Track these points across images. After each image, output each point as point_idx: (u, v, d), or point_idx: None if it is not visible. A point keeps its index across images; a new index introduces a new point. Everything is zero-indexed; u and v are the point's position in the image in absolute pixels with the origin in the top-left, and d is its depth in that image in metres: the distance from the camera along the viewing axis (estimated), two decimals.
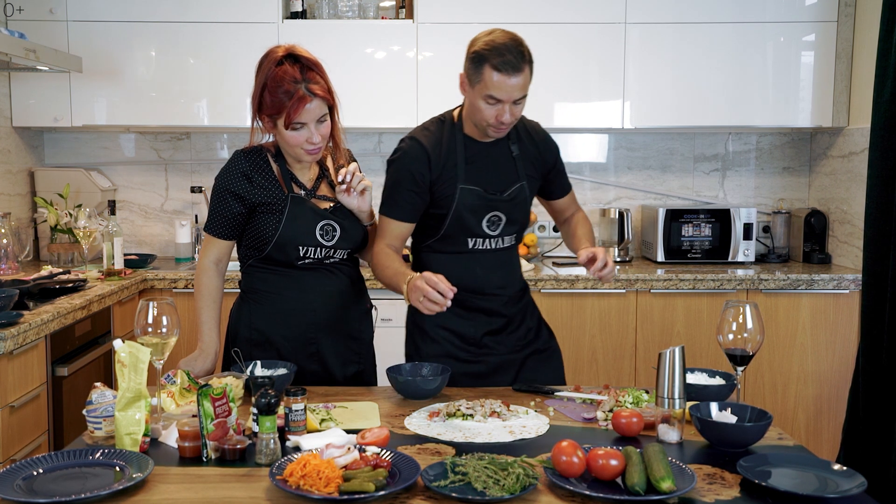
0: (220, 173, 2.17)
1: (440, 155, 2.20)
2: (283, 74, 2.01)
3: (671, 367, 1.70)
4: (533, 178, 2.31)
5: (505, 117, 2.10)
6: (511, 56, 2.04)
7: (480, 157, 2.23)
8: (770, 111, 3.82)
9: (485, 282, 2.28)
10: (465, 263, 2.27)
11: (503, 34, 2.10)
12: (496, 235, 2.27)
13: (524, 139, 2.29)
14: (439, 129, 2.25)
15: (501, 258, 2.31)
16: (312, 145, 2.07)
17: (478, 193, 2.21)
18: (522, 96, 2.11)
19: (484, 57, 2.06)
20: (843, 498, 1.41)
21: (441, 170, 2.20)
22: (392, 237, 2.22)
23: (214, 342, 2.18)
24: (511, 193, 2.25)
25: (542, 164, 2.33)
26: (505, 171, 2.25)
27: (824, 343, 3.61)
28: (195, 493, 1.45)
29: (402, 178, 2.20)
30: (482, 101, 2.10)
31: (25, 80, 3.74)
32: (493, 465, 1.47)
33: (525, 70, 2.08)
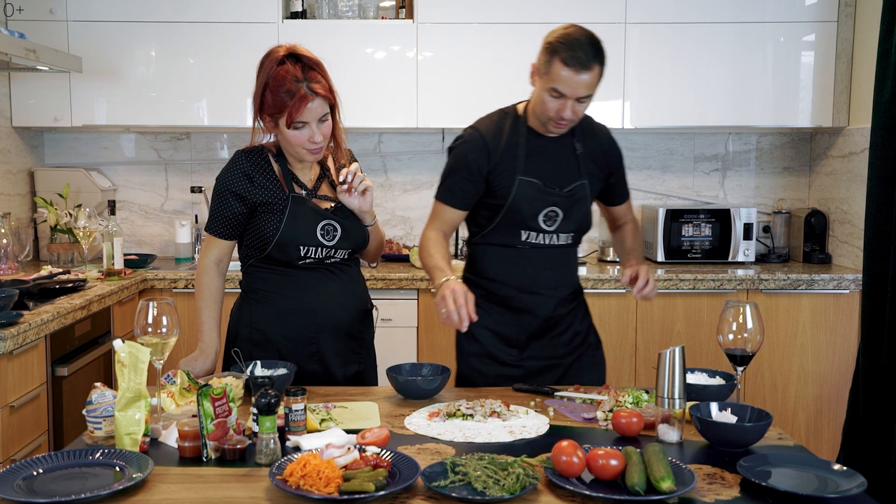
0: (221, 173, 2.17)
1: (500, 145, 2.21)
2: (284, 74, 2.01)
3: (671, 367, 1.70)
4: (595, 178, 2.29)
5: (566, 113, 2.09)
6: (582, 52, 2.03)
7: (542, 151, 2.22)
8: (770, 111, 3.82)
9: (533, 280, 2.25)
10: (516, 260, 2.25)
11: (580, 30, 2.10)
12: (552, 231, 2.24)
13: (589, 138, 2.28)
14: (502, 119, 2.25)
15: (555, 257, 2.27)
16: (314, 145, 2.07)
17: (537, 186, 2.20)
18: (587, 95, 2.09)
19: (555, 49, 2.06)
20: (843, 498, 1.41)
21: (500, 160, 2.20)
22: (443, 222, 2.26)
23: (215, 342, 2.18)
24: (571, 189, 2.23)
25: (606, 167, 2.31)
26: (566, 166, 2.24)
27: (824, 343, 3.61)
28: (195, 493, 1.45)
29: (459, 165, 2.23)
30: (547, 94, 2.09)
31: (25, 80, 3.74)
32: (493, 465, 1.46)
33: (594, 69, 2.06)
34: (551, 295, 2.27)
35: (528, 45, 3.78)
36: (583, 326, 2.35)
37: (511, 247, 2.25)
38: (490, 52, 3.75)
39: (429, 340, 3.61)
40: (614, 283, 3.55)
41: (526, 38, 3.74)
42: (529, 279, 2.25)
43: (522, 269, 2.25)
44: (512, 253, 2.26)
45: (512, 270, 2.25)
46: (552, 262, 2.27)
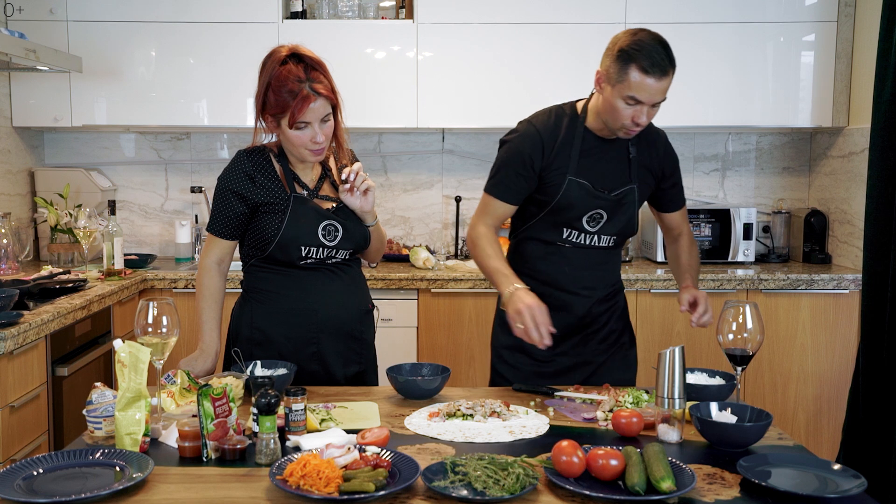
0: (222, 173, 2.17)
1: (555, 142, 2.20)
2: (287, 74, 2.01)
3: (671, 367, 1.70)
4: (645, 184, 2.28)
5: (641, 119, 2.08)
6: (659, 58, 2.01)
7: (596, 153, 2.21)
8: (770, 111, 3.82)
9: (571, 280, 2.26)
10: (555, 258, 2.27)
11: (649, 34, 2.05)
12: (594, 232, 2.25)
13: (644, 143, 2.26)
14: (559, 117, 2.23)
15: (595, 257, 2.28)
16: (316, 145, 2.07)
17: (586, 188, 2.19)
18: (662, 99, 2.08)
19: (631, 56, 2.02)
20: (843, 498, 1.41)
21: (553, 158, 2.19)
22: (493, 217, 2.25)
23: (215, 342, 2.18)
24: (619, 194, 2.23)
25: (659, 172, 2.30)
26: (618, 170, 2.23)
27: (824, 343, 3.61)
28: (195, 493, 1.45)
29: (513, 159, 2.21)
30: (621, 101, 2.06)
31: (25, 80, 3.74)
32: (493, 465, 1.47)
33: (670, 73, 2.04)
34: (588, 295, 2.28)
35: (528, 45, 3.81)
36: (618, 325, 2.36)
37: (552, 244, 2.26)
38: (490, 52, 3.76)
39: (429, 340, 3.62)
40: None
41: (526, 38, 3.75)
42: (567, 278, 2.26)
43: (561, 268, 2.26)
44: (552, 250, 2.27)
45: (550, 269, 2.26)
46: (591, 263, 2.29)
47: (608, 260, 2.32)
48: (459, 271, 3.64)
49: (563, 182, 2.19)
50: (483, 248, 2.20)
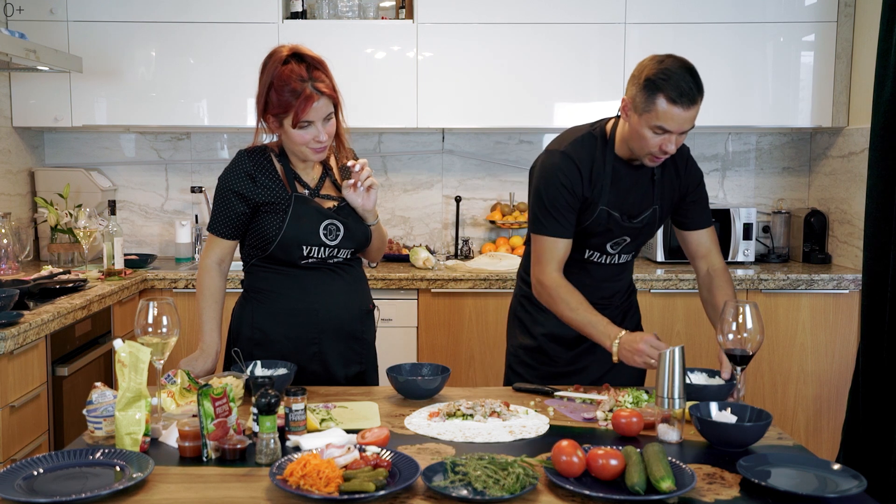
0: (223, 173, 2.17)
1: (591, 173, 2.15)
2: (289, 73, 2.01)
3: (671, 367, 1.70)
4: (666, 202, 2.25)
5: (670, 147, 2.04)
6: (687, 87, 1.98)
7: (625, 179, 2.18)
8: (770, 111, 3.82)
9: (591, 291, 2.23)
10: (575, 270, 2.25)
11: (676, 61, 2.02)
12: (615, 254, 2.26)
13: (668, 163, 2.22)
14: (591, 144, 2.18)
15: (612, 272, 2.30)
16: (319, 144, 2.08)
17: (614, 218, 2.18)
18: (691, 127, 2.05)
19: (658, 87, 1.98)
20: (843, 498, 1.41)
21: (590, 186, 2.16)
22: (558, 260, 2.15)
23: (215, 342, 2.18)
24: (643, 219, 2.21)
25: (680, 189, 2.26)
26: (643, 194, 2.21)
27: (824, 343, 3.61)
28: (195, 493, 1.45)
29: (560, 194, 2.13)
30: (648, 130, 2.03)
31: (26, 80, 3.75)
32: (493, 465, 1.47)
33: (699, 101, 2.01)
34: (605, 304, 2.28)
35: (528, 45, 3.81)
36: (629, 325, 2.37)
37: (574, 259, 2.24)
38: (490, 52, 3.76)
39: (429, 340, 3.62)
40: None
41: (526, 38, 3.75)
42: (587, 290, 2.22)
43: (580, 279, 2.24)
44: (573, 264, 2.25)
45: (571, 281, 2.21)
46: (610, 276, 2.30)
47: (626, 271, 2.35)
48: (459, 271, 3.64)
49: (594, 212, 2.17)
50: (566, 300, 2.12)
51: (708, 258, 2.30)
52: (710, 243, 2.30)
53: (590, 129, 2.22)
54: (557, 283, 2.15)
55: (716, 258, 2.30)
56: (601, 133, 2.20)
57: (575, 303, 2.12)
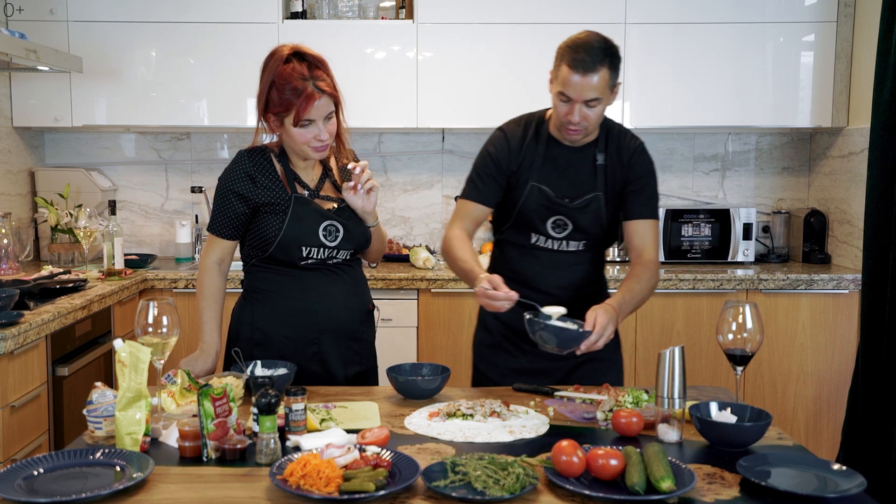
0: (223, 173, 2.17)
1: (521, 148, 2.22)
2: (291, 72, 2.02)
3: (671, 367, 1.70)
4: (612, 191, 2.24)
5: (574, 116, 2.06)
6: (587, 55, 2.01)
7: (560, 160, 2.22)
8: (770, 111, 3.82)
9: (542, 279, 2.27)
10: (528, 258, 2.29)
11: (591, 34, 2.06)
12: (560, 238, 2.25)
13: (612, 149, 2.22)
14: (527, 123, 2.26)
15: (567, 259, 2.28)
16: (320, 142, 2.08)
17: (546, 195, 2.20)
18: (595, 98, 2.05)
19: (563, 53, 2.06)
20: (843, 498, 1.41)
21: (520, 163, 2.21)
22: (468, 220, 2.25)
23: (215, 342, 2.18)
24: (582, 202, 2.21)
25: (625, 178, 2.24)
26: (582, 178, 2.22)
27: (824, 343, 3.61)
28: (195, 493, 1.45)
29: (485, 163, 2.24)
30: (556, 98, 2.10)
31: (26, 81, 3.75)
32: (493, 465, 1.47)
33: (600, 72, 2.01)
34: (560, 295, 2.25)
35: (528, 45, 3.81)
36: None
37: (524, 247, 2.29)
38: (490, 52, 3.76)
39: (429, 340, 3.62)
40: (614, 284, 3.55)
41: (526, 38, 3.75)
42: (540, 278, 2.27)
43: (532, 267, 2.28)
44: (525, 252, 2.29)
45: (524, 269, 2.28)
46: (563, 264, 2.29)
47: (581, 262, 2.30)
48: None
49: (525, 187, 2.20)
50: (452, 252, 2.19)
51: (638, 250, 2.25)
52: (644, 235, 2.25)
53: (533, 112, 2.29)
54: (454, 236, 2.21)
55: (646, 251, 2.24)
56: (540, 114, 2.27)
57: (459, 253, 2.16)
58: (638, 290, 2.16)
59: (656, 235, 2.28)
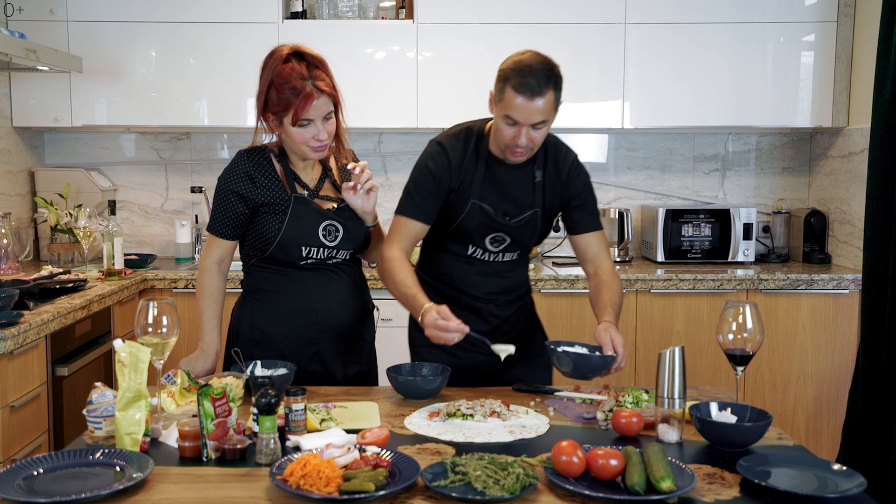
0: (223, 173, 2.17)
1: (461, 165, 2.18)
2: (290, 72, 2.02)
3: (671, 367, 1.70)
4: (550, 207, 2.26)
5: (521, 140, 2.05)
6: (533, 79, 1.99)
7: (500, 177, 2.20)
8: (770, 111, 3.82)
9: (477, 286, 2.28)
10: (463, 266, 2.28)
11: (533, 56, 2.05)
12: (497, 252, 2.27)
13: (551, 166, 2.23)
14: (468, 138, 2.21)
15: (501, 267, 2.30)
16: (318, 142, 2.08)
17: (487, 213, 2.19)
18: (542, 121, 2.04)
19: (507, 76, 2.03)
20: (843, 498, 1.41)
21: (460, 181, 2.18)
22: (406, 238, 2.19)
23: (215, 342, 2.18)
24: (522, 220, 2.22)
25: (564, 194, 2.25)
26: (522, 195, 2.21)
27: (824, 343, 3.61)
28: (195, 493, 1.45)
29: (426, 180, 2.18)
30: (502, 121, 2.06)
31: (25, 80, 3.74)
32: (493, 465, 1.47)
33: (547, 94, 2.01)
34: (493, 300, 2.30)
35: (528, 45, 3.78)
36: (527, 325, 2.38)
37: (460, 255, 2.28)
38: (490, 52, 3.73)
39: None
40: None
41: (526, 38, 3.75)
42: (473, 284, 2.28)
43: (467, 274, 2.28)
44: (461, 260, 2.28)
45: (458, 275, 2.28)
46: (498, 272, 2.30)
47: (514, 269, 2.33)
48: None
49: (465, 205, 2.18)
50: (393, 276, 2.13)
51: (595, 261, 2.27)
52: (598, 247, 2.28)
53: (471, 125, 2.25)
54: (393, 257, 2.15)
55: (604, 261, 2.27)
56: (479, 128, 2.23)
57: (401, 277, 2.12)
58: (617, 301, 2.18)
59: (607, 244, 2.32)
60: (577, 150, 4.49)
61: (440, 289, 2.31)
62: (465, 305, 2.28)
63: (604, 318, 2.09)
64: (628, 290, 3.56)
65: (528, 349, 2.33)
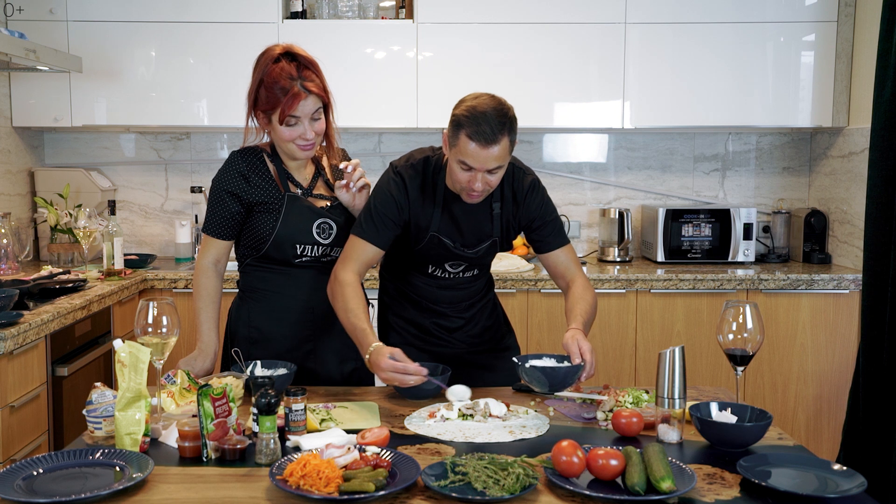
0: (217, 174, 2.19)
1: (417, 198, 2.15)
2: (279, 71, 2.05)
3: (671, 368, 1.70)
4: (508, 233, 2.25)
5: (476, 185, 2.02)
6: (487, 127, 1.95)
7: (458, 212, 2.17)
8: (770, 111, 3.82)
9: (439, 297, 2.30)
10: (424, 279, 2.29)
11: (489, 100, 2.01)
12: (457, 272, 2.28)
13: (507, 196, 2.20)
14: (424, 171, 2.17)
15: (460, 282, 2.30)
16: (306, 141, 2.10)
17: (446, 245, 2.18)
18: (498, 166, 2.02)
19: (461, 123, 1.99)
20: (843, 498, 1.41)
21: (417, 213, 2.16)
22: (360, 262, 2.12)
23: (213, 342, 2.19)
24: (479, 250, 2.22)
25: (525, 221, 2.24)
26: (481, 227, 2.20)
27: (824, 343, 3.61)
28: (195, 493, 1.45)
29: (386, 207, 2.12)
30: (456, 165, 2.02)
31: (25, 80, 3.74)
32: (493, 465, 1.47)
33: (502, 141, 1.97)
34: (456, 306, 2.32)
35: (528, 45, 3.81)
36: (490, 321, 2.39)
37: (420, 273, 2.28)
38: (490, 52, 3.75)
39: None
40: (614, 283, 3.55)
41: (526, 38, 3.75)
42: (436, 295, 2.30)
43: (429, 287, 2.29)
44: (421, 277, 2.29)
45: (419, 288, 2.29)
46: (458, 286, 2.31)
47: (476, 281, 2.34)
48: None
49: (424, 237, 2.17)
50: (345, 301, 2.06)
51: (566, 276, 2.26)
52: (567, 261, 2.26)
53: (430, 153, 2.21)
54: (347, 283, 2.08)
55: (576, 275, 2.25)
56: (437, 161, 2.19)
57: (352, 305, 2.05)
58: (589, 311, 2.13)
59: (576, 257, 2.29)
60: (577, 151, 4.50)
61: (405, 290, 2.33)
62: (428, 309, 2.31)
63: (571, 325, 2.04)
64: (628, 289, 3.56)
65: (496, 344, 2.38)
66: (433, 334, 2.32)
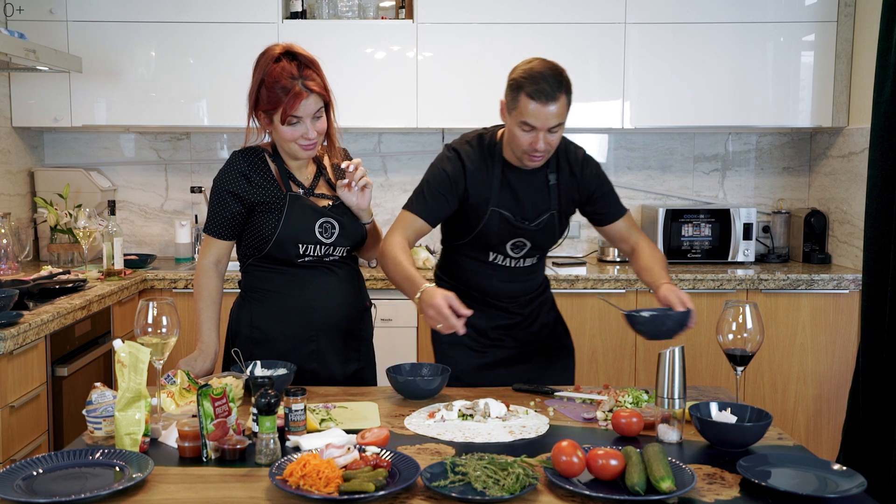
0: (218, 174, 2.19)
1: (476, 172, 2.22)
2: (280, 71, 2.04)
3: (671, 367, 1.70)
4: (566, 207, 2.31)
5: (539, 145, 2.10)
6: (546, 84, 2.05)
7: (516, 183, 2.24)
8: (770, 111, 3.82)
9: (500, 290, 2.33)
10: (485, 271, 2.32)
11: (542, 62, 2.11)
12: (518, 257, 2.31)
13: (563, 168, 2.28)
14: (480, 146, 2.26)
15: (519, 274, 2.34)
16: (307, 140, 2.10)
17: (507, 219, 2.23)
18: (558, 124, 2.10)
19: (520, 85, 2.08)
20: (843, 498, 1.41)
21: (476, 188, 2.22)
22: (410, 231, 2.21)
23: (214, 342, 2.19)
24: (540, 223, 2.26)
25: (580, 192, 2.31)
26: (539, 199, 2.26)
27: (824, 343, 3.61)
28: (195, 493, 1.45)
29: (437, 181, 2.22)
30: (518, 128, 2.11)
31: (25, 80, 3.74)
32: (493, 465, 1.47)
33: (561, 98, 2.08)
34: (516, 300, 2.36)
35: (528, 45, 3.81)
36: (549, 318, 2.44)
37: (481, 262, 2.32)
38: (490, 52, 3.75)
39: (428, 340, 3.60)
40: (614, 283, 3.55)
41: (526, 38, 3.75)
42: (496, 288, 2.33)
43: (490, 279, 2.32)
44: (482, 266, 2.32)
45: (480, 280, 2.33)
46: (519, 277, 2.35)
47: (534, 273, 2.39)
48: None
49: (485, 212, 2.22)
50: (393, 257, 2.12)
51: (629, 240, 2.36)
52: (628, 227, 2.37)
53: (482, 132, 2.30)
54: (394, 243, 2.16)
55: (639, 237, 2.36)
56: (492, 136, 2.27)
57: (401, 258, 2.12)
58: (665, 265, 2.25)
59: (634, 221, 2.40)
60: None
61: (461, 290, 2.30)
62: (488, 304, 2.33)
63: (662, 281, 2.14)
64: (628, 290, 3.56)
65: (551, 342, 2.41)
66: (487, 336, 2.35)
